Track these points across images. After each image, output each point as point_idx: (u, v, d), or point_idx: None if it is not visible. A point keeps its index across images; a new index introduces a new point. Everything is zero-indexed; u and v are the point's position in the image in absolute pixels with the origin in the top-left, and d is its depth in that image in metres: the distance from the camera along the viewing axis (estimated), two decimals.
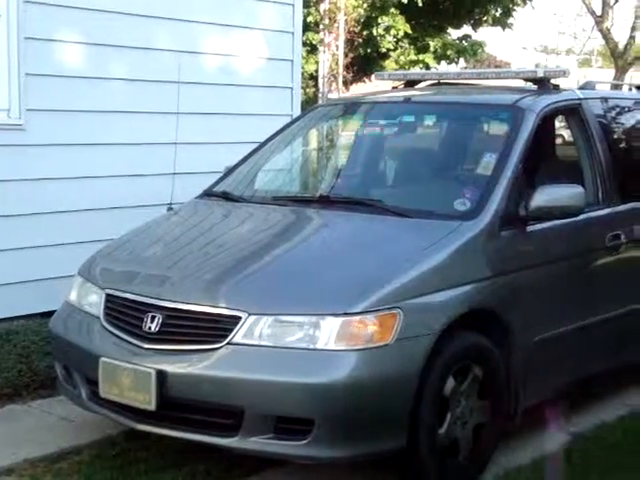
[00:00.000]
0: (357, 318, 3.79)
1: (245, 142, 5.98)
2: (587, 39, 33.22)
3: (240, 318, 3.85)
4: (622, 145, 5.73)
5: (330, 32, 18.10)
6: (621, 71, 26.84)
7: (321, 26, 18.19)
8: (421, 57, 20.56)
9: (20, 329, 5.59)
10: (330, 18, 17.98)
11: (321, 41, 18.35)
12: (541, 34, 79.74)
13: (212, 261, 4.42)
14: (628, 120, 5.82)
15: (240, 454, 4.02)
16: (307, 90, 18.25)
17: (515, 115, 4.83)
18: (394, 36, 19.94)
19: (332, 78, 18.24)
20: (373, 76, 6.30)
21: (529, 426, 4.72)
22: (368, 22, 19.48)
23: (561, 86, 5.36)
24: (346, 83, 19.72)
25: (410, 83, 5.91)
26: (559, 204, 4.47)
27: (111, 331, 4.19)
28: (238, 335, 3.84)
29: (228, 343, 3.84)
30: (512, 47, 68.79)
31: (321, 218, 4.78)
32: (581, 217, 4.70)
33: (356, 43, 19.00)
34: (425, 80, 5.99)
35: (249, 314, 3.85)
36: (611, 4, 27.41)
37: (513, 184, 4.48)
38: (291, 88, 7.69)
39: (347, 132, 5.98)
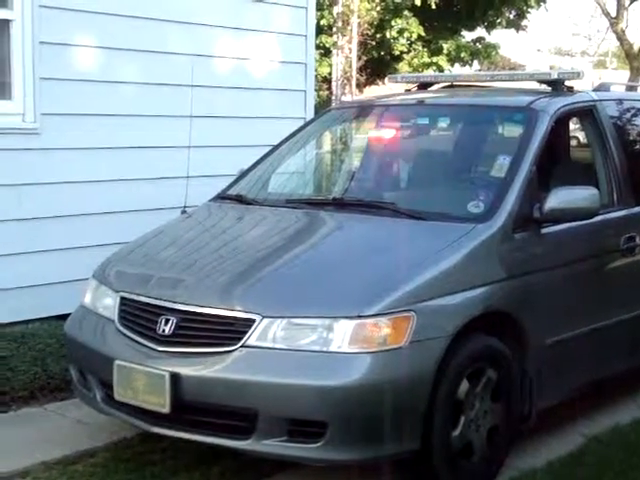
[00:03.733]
0: (371, 321, 3.79)
1: (259, 145, 6.00)
2: (602, 41, 33.09)
3: (254, 321, 3.86)
4: (637, 146, 5.71)
5: (343, 35, 18.13)
6: (636, 72, 26.75)
7: (334, 29, 18.23)
8: (434, 59, 20.58)
9: (35, 332, 5.61)
10: (343, 21, 18.01)
11: (334, 44, 18.38)
12: (555, 36, 79.60)
13: (226, 264, 4.43)
14: None
15: (254, 457, 4.02)
16: (320, 93, 18.29)
17: (529, 117, 4.82)
18: (407, 39, 19.97)
19: (345, 81, 18.27)
20: (386, 79, 6.30)
21: (543, 428, 4.71)
22: (381, 25, 19.51)
23: (575, 88, 5.35)
24: (359, 86, 19.75)
25: (423, 85, 5.91)
26: (573, 206, 4.45)
27: (125, 334, 4.20)
28: (252, 338, 3.84)
29: (242, 346, 3.84)
30: (526, 49, 68.74)
31: (335, 221, 4.78)
32: (596, 219, 4.68)
33: (369, 46, 19.03)
34: (438, 82, 5.99)
35: (263, 317, 3.85)
36: (626, 5, 27.32)
37: (527, 186, 4.47)
38: (304, 91, 7.69)
39: (360, 135, 5.98)
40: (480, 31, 22.63)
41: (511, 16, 22.03)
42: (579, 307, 4.74)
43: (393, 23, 19.59)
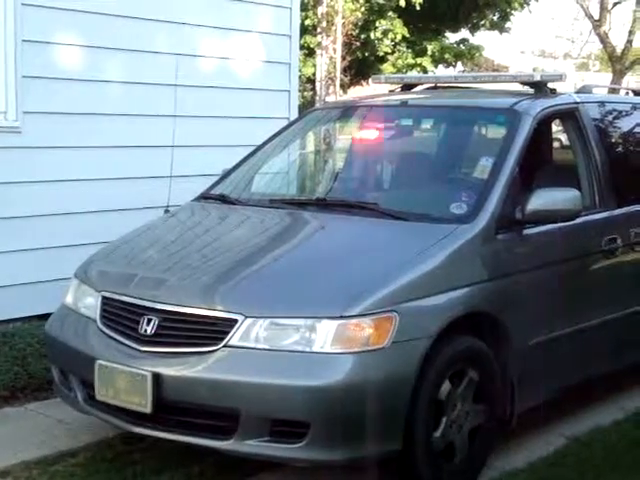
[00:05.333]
0: (353, 321, 3.79)
1: (242, 145, 5.98)
2: (584, 43, 33.20)
3: (236, 321, 3.85)
4: (619, 149, 5.74)
5: (328, 35, 18.12)
6: (619, 75, 26.90)
7: (319, 29, 18.22)
8: (419, 60, 20.61)
9: (17, 331, 5.59)
10: (328, 21, 18.00)
11: (319, 44, 18.38)
12: (539, 38, 79.95)
13: (209, 264, 4.42)
14: (625, 124, 5.83)
15: (236, 457, 4.02)
16: (304, 93, 18.29)
17: (512, 118, 4.83)
18: (392, 39, 19.98)
19: (329, 81, 18.27)
20: (370, 79, 6.31)
21: (525, 430, 4.73)
22: (366, 25, 19.51)
23: (558, 90, 5.37)
24: (343, 86, 19.75)
25: (407, 86, 5.92)
26: (555, 208, 4.47)
27: (107, 334, 4.19)
28: (234, 338, 3.84)
29: (224, 346, 3.84)
30: (510, 51, 69.02)
31: (318, 221, 4.78)
32: (577, 221, 4.70)
33: (354, 46, 19.02)
34: (422, 83, 6.00)
35: (245, 317, 3.85)
36: (609, 8, 27.46)
37: (509, 187, 4.48)
38: (288, 91, 7.69)
39: (344, 135, 5.99)
40: (464, 33, 22.71)
41: (495, 18, 22.08)
42: (561, 308, 4.76)
43: (377, 24, 19.60)
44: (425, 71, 20.19)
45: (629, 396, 5.52)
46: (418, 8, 19.05)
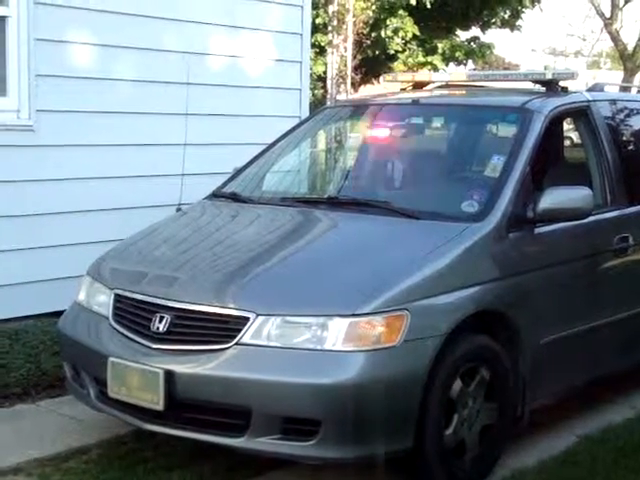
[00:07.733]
0: (365, 319, 3.80)
1: (253, 143, 6.00)
2: (596, 41, 33.15)
3: (248, 319, 3.86)
4: (630, 147, 5.73)
5: (338, 34, 18.09)
6: (630, 73, 26.80)
7: (329, 28, 18.20)
8: (429, 59, 20.58)
9: (29, 329, 5.61)
10: (338, 20, 17.97)
11: (329, 43, 18.35)
12: (550, 36, 79.86)
13: (220, 262, 4.44)
14: (636, 122, 5.81)
15: (247, 454, 4.03)
16: (315, 92, 18.28)
17: (523, 117, 4.83)
18: (402, 38, 19.95)
19: (340, 80, 18.24)
20: (381, 78, 6.32)
21: (536, 428, 4.73)
22: (376, 24, 19.49)
23: (569, 88, 5.37)
24: (354, 85, 19.71)
25: (418, 85, 5.92)
26: (567, 206, 4.47)
27: (120, 331, 4.21)
28: (246, 336, 3.85)
29: (236, 343, 3.85)
30: (521, 49, 68.87)
31: (329, 219, 4.79)
32: (589, 219, 4.69)
33: (364, 45, 18.99)
34: (433, 82, 6.00)
35: (257, 315, 3.86)
36: (620, 6, 27.36)
37: (521, 186, 4.48)
38: (300, 90, 7.70)
39: (355, 134, 5.99)
40: (475, 31, 22.65)
41: (506, 16, 22.02)
42: (573, 307, 4.76)
43: (388, 22, 19.58)
44: (436, 69, 20.16)
45: None
46: (429, 6, 19.02)
